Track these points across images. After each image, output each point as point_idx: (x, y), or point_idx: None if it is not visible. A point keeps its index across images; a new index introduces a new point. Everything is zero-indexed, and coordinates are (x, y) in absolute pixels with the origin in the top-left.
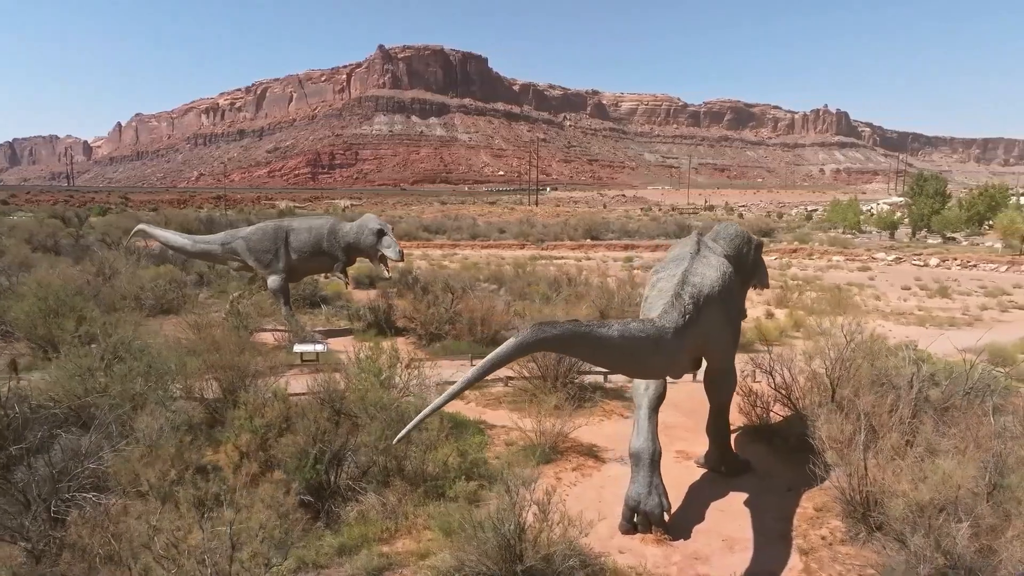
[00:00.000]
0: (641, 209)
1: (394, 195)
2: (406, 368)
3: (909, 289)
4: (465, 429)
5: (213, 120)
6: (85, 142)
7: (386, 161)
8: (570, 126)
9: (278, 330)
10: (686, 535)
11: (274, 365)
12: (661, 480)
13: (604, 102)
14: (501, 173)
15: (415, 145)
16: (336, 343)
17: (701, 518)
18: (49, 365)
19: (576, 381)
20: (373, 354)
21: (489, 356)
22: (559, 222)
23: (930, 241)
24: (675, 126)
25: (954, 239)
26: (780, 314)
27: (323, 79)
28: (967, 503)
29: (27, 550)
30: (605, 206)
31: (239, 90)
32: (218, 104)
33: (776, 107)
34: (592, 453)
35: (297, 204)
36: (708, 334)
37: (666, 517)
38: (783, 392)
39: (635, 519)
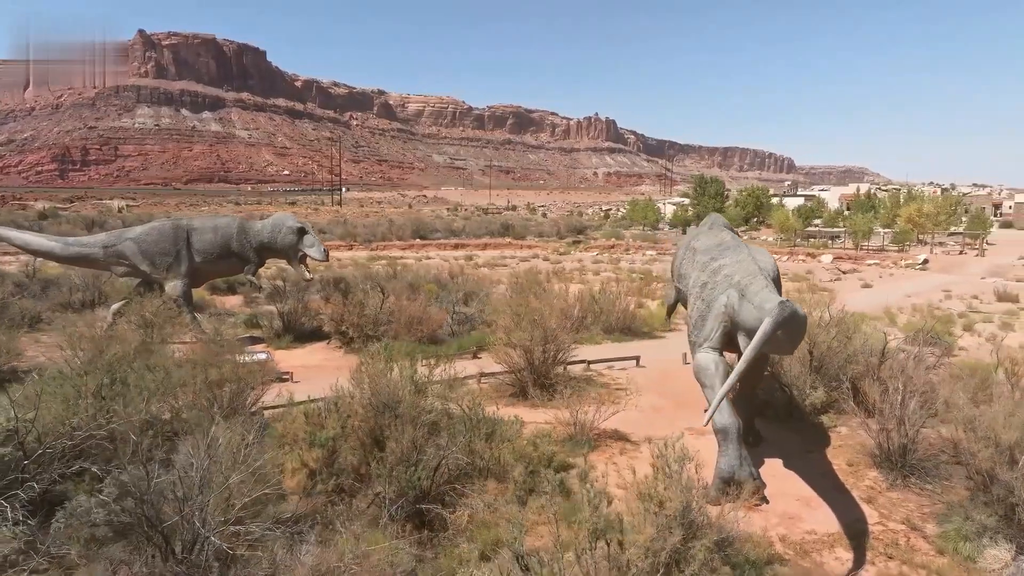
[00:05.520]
0: (448, 209)
1: (174, 195)
2: (433, 370)
3: None
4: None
5: None
6: None
7: (153, 158)
8: (357, 126)
9: (193, 342)
10: (765, 500)
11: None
12: (747, 451)
13: (391, 102)
14: (286, 173)
15: (187, 141)
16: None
17: (765, 484)
18: None
19: (556, 372)
20: (389, 359)
21: (757, 336)
22: (374, 222)
23: None
24: (461, 128)
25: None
26: (653, 304)
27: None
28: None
29: None
30: (410, 206)
31: None
32: None
33: (554, 113)
34: (623, 438)
35: (58, 205)
36: None
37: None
38: (768, 367)
39: (726, 490)
